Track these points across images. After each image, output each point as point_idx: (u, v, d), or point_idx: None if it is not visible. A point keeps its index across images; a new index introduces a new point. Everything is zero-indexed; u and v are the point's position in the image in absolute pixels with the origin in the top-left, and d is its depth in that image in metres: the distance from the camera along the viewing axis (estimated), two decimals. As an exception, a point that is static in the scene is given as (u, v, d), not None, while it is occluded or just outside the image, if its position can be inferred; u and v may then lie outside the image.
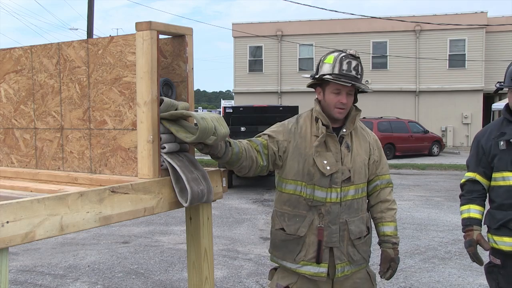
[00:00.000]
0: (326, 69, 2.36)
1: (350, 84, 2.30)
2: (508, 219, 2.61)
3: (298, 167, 2.38)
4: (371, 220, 2.57)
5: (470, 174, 2.82)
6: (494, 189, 2.72)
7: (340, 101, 2.34)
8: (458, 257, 5.93)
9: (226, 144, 2.22)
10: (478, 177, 2.77)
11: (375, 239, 2.55)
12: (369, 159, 2.47)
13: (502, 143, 2.66)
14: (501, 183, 2.67)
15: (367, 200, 2.55)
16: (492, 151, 2.70)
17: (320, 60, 2.43)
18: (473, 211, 2.76)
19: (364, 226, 2.45)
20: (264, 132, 2.47)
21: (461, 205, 2.84)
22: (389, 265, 2.49)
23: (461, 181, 2.89)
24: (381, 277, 2.53)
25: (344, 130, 2.40)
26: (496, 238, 2.67)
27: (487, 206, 2.79)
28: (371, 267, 2.60)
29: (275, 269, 2.54)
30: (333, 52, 2.41)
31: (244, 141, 2.37)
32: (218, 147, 2.17)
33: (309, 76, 2.46)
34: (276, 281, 2.48)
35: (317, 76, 2.39)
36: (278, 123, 2.52)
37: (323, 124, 2.37)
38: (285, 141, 2.41)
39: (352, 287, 2.45)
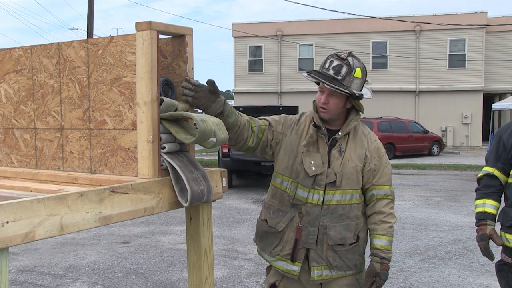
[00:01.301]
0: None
1: (315, 81, 2.32)
2: None
3: (288, 163, 2.39)
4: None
5: (488, 169, 2.77)
6: (510, 187, 2.69)
7: (321, 100, 2.34)
8: (458, 257, 5.94)
9: (223, 110, 2.24)
10: (496, 172, 2.73)
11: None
12: (364, 166, 2.38)
13: None
14: None
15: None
16: None
17: None
18: (488, 205, 2.72)
19: (349, 233, 2.35)
20: (267, 118, 2.47)
21: (476, 199, 2.79)
22: (374, 280, 2.34)
23: (478, 175, 2.85)
24: None
25: (340, 133, 2.37)
26: (508, 236, 2.64)
27: (503, 204, 2.75)
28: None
29: (271, 266, 2.56)
30: None
31: (245, 118, 2.37)
32: (218, 105, 2.22)
33: None
34: (269, 278, 2.52)
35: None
36: (283, 114, 2.53)
37: (314, 125, 2.37)
38: (281, 133, 2.43)
39: None
